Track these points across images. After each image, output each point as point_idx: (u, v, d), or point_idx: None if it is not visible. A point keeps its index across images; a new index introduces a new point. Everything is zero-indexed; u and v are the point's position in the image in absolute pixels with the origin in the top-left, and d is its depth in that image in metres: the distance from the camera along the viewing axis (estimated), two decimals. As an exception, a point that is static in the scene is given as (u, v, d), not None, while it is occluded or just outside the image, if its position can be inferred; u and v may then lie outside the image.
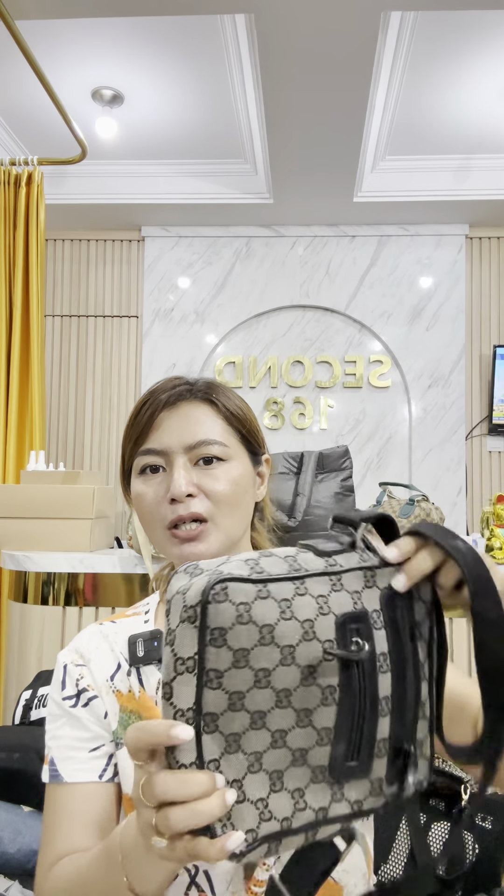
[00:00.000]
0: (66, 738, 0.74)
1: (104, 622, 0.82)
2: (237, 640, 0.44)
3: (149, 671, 0.76)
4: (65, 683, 0.77)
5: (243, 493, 0.74)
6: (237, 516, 0.74)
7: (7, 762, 1.35)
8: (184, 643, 0.45)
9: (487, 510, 2.01)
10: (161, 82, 2.70)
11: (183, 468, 0.72)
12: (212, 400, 0.75)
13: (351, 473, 1.93)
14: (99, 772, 0.74)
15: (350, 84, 2.40)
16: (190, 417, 0.74)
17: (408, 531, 0.56)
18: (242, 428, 0.77)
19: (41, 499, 2.06)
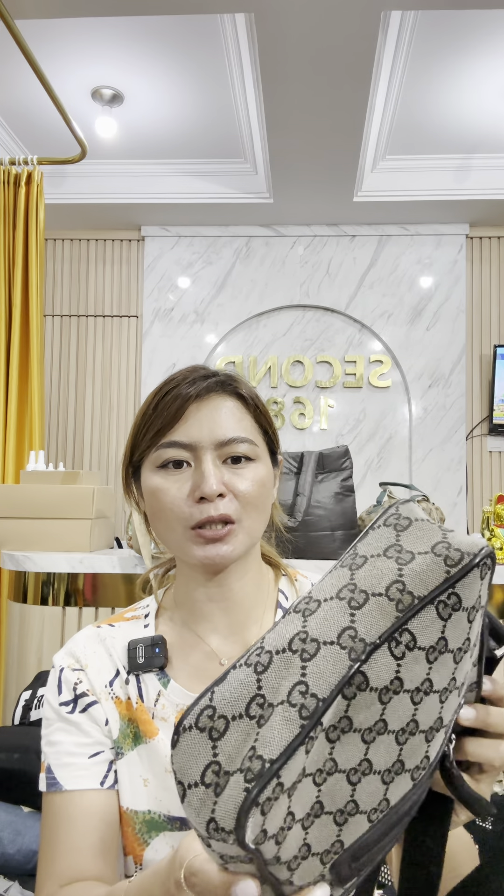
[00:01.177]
0: (64, 744, 0.70)
1: (101, 625, 0.78)
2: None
3: (148, 679, 0.72)
4: (61, 688, 0.73)
5: (268, 494, 0.71)
6: (262, 518, 0.71)
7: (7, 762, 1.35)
8: None
9: (487, 510, 2.01)
10: (161, 82, 2.70)
11: (213, 465, 0.67)
12: (242, 395, 0.71)
13: (351, 473, 1.93)
14: (100, 778, 0.70)
15: (350, 84, 2.40)
16: (222, 411, 0.69)
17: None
18: (269, 427, 0.74)
19: (41, 499, 2.05)
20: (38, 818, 1.30)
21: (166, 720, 0.70)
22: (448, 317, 3.63)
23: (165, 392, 0.69)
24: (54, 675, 0.74)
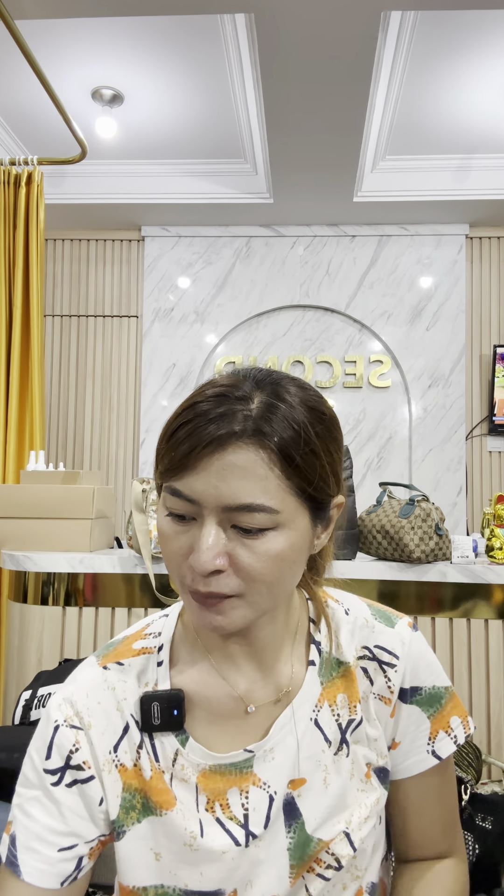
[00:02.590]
0: (37, 824, 0.61)
1: (109, 665, 0.67)
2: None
3: (164, 738, 0.63)
4: (50, 751, 0.62)
5: (290, 566, 0.57)
6: (274, 593, 0.57)
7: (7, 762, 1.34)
8: None
9: (487, 510, 2.01)
10: (161, 82, 2.70)
11: (214, 533, 0.54)
12: (272, 447, 0.54)
13: (351, 473, 1.93)
14: (63, 878, 0.61)
15: (350, 84, 2.40)
16: (236, 468, 0.53)
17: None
18: (308, 485, 0.56)
19: (41, 499, 2.05)
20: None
21: (187, 781, 0.62)
22: (448, 317, 3.63)
23: (184, 422, 0.55)
24: (46, 727, 0.63)
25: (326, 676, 0.65)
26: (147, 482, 1.89)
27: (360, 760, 0.65)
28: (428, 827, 0.69)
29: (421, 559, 1.77)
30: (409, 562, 1.80)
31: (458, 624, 1.86)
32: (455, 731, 0.68)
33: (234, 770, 0.62)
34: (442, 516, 1.81)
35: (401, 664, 0.66)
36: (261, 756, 0.62)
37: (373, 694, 0.66)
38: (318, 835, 0.61)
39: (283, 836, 0.61)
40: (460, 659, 1.84)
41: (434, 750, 0.67)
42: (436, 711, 0.67)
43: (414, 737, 0.67)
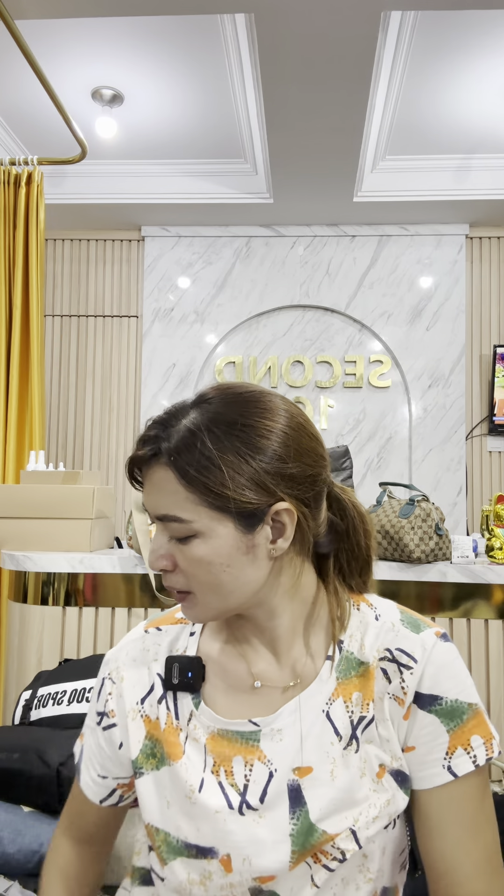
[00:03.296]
0: (88, 749, 0.76)
1: (150, 628, 0.77)
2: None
3: (182, 698, 0.70)
4: (99, 696, 0.76)
5: (222, 569, 0.63)
6: (222, 594, 0.64)
7: (7, 762, 1.34)
8: None
9: (487, 510, 2.01)
10: (161, 82, 2.70)
11: (157, 538, 0.65)
12: (176, 464, 0.61)
13: (351, 473, 1.93)
14: (101, 798, 0.76)
15: (350, 84, 2.40)
16: (155, 485, 0.63)
17: None
18: (217, 499, 0.61)
19: (41, 499, 2.05)
20: (37, 818, 1.30)
21: (198, 741, 0.68)
22: (448, 317, 3.63)
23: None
24: (100, 676, 0.77)
25: (345, 674, 0.67)
26: (147, 482, 1.89)
27: (373, 760, 0.66)
28: (453, 854, 0.63)
29: (421, 559, 1.77)
30: (409, 562, 1.80)
31: (458, 624, 1.86)
32: (475, 750, 0.64)
33: (241, 740, 0.67)
34: (442, 516, 1.81)
35: (418, 668, 0.66)
36: (268, 734, 0.66)
37: (388, 694, 0.67)
38: (323, 826, 0.63)
39: (287, 820, 0.64)
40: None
41: (450, 766, 0.64)
42: (456, 726, 0.65)
43: (430, 748, 0.65)
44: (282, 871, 0.63)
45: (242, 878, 0.64)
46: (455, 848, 0.63)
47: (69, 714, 1.55)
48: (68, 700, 1.58)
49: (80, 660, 1.73)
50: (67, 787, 1.31)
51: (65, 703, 1.58)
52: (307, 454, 0.66)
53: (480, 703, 0.67)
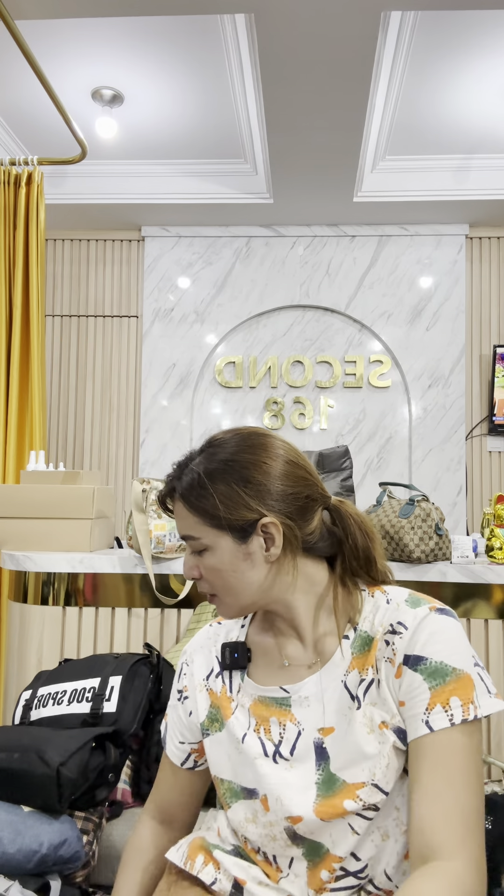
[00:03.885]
0: (172, 721, 0.95)
1: (213, 623, 0.97)
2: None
3: (234, 675, 0.89)
4: (178, 678, 0.96)
5: (229, 574, 0.81)
6: (234, 593, 0.82)
7: (7, 762, 1.34)
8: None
9: (487, 510, 2.01)
10: (161, 82, 2.70)
11: (188, 554, 0.85)
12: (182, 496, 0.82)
13: (351, 473, 1.94)
14: (181, 761, 0.94)
15: (350, 84, 2.40)
16: (177, 514, 0.84)
17: None
18: (213, 520, 0.80)
19: (41, 499, 2.05)
20: (38, 818, 1.30)
21: (244, 706, 0.86)
22: (448, 317, 3.63)
23: None
24: (179, 662, 0.97)
25: (359, 650, 0.80)
26: (147, 482, 1.89)
27: (376, 718, 0.76)
28: (427, 804, 0.68)
29: (421, 559, 1.77)
30: (409, 562, 1.80)
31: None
32: (453, 710, 0.71)
33: (276, 704, 0.83)
34: (442, 516, 1.81)
35: (407, 633, 0.76)
36: (297, 700, 0.82)
37: (385, 658, 0.77)
38: (343, 776, 0.76)
39: (313, 771, 0.78)
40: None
41: (428, 720, 0.71)
42: (438, 685, 0.72)
43: (414, 703, 0.73)
44: (307, 814, 0.76)
45: (277, 818, 0.79)
46: (429, 799, 0.68)
47: (69, 714, 1.55)
48: (68, 700, 1.58)
49: (81, 660, 1.73)
50: (67, 786, 1.31)
51: (65, 702, 1.58)
52: (285, 478, 0.82)
53: (472, 672, 0.74)
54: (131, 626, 1.93)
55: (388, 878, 0.77)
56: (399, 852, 0.76)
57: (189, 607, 1.91)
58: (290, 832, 0.78)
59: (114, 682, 1.57)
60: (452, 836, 0.66)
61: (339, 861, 0.77)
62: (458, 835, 0.67)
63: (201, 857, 0.85)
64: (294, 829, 0.78)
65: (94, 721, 1.52)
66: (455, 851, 0.66)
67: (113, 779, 1.46)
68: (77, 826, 1.36)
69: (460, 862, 0.65)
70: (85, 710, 1.54)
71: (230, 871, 0.83)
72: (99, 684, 1.58)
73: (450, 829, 0.67)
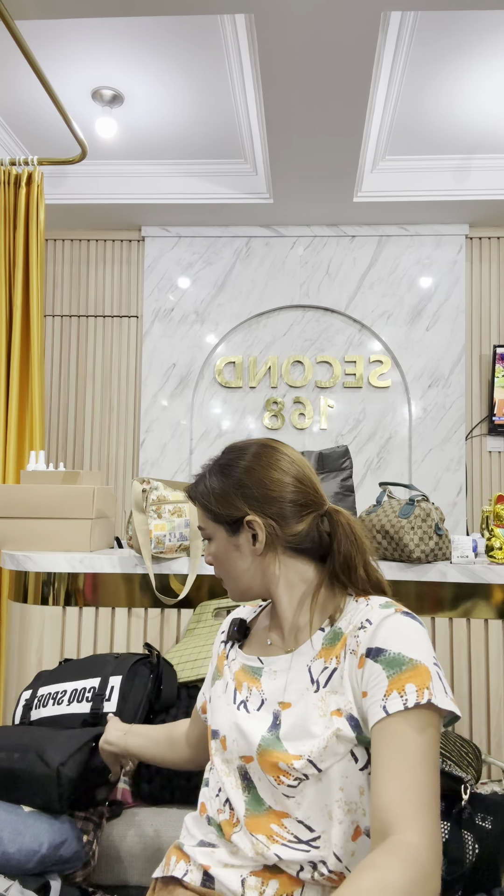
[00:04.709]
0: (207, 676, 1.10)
1: (239, 606, 1.17)
2: None
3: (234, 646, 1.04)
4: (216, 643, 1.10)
5: (224, 560, 0.99)
6: (230, 577, 1.00)
7: (7, 762, 1.34)
8: None
9: (487, 510, 2.01)
10: (161, 82, 2.70)
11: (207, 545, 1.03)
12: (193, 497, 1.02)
13: (351, 473, 1.94)
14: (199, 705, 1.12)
15: (350, 84, 2.40)
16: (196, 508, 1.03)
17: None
18: (212, 513, 0.98)
19: (41, 499, 2.05)
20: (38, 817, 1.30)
21: (231, 670, 1.01)
22: (448, 317, 3.63)
23: None
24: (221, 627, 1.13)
25: (330, 642, 0.89)
26: (147, 482, 1.89)
27: (332, 705, 0.84)
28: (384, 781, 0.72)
29: (421, 559, 1.77)
30: (408, 562, 1.80)
31: (458, 624, 1.86)
32: (408, 695, 0.76)
33: (251, 672, 0.96)
34: (442, 516, 1.81)
35: (371, 628, 0.84)
36: (268, 672, 0.93)
37: (350, 651, 0.85)
38: (286, 744, 0.85)
39: (266, 729, 0.89)
40: (460, 659, 1.84)
41: (385, 705, 0.77)
42: (395, 674, 0.79)
43: (374, 691, 0.79)
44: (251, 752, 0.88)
45: (232, 756, 0.92)
46: (386, 778, 0.73)
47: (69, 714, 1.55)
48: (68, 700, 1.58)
49: (81, 660, 1.72)
50: (68, 786, 1.31)
51: (65, 702, 1.58)
52: (267, 484, 0.94)
53: (429, 664, 0.80)
54: (131, 626, 1.93)
55: (338, 859, 0.81)
56: (346, 833, 0.81)
57: (189, 607, 1.91)
58: (242, 771, 0.90)
59: (114, 682, 1.57)
60: (407, 810, 0.70)
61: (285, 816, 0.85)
62: (413, 809, 0.70)
63: (174, 857, 0.94)
64: (246, 769, 0.90)
65: (94, 721, 1.51)
66: (410, 825, 0.69)
67: (113, 778, 1.46)
68: (77, 826, 1.36)
69: (414, 834, 0.68)
70: (85, 710, 1.54)
71: (197, 859, 0.91)
72: (99, 684, 1.57)
73: (405, 805, 0.70)
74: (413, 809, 0.70)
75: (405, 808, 0.70)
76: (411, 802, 0.70)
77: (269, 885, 0.83)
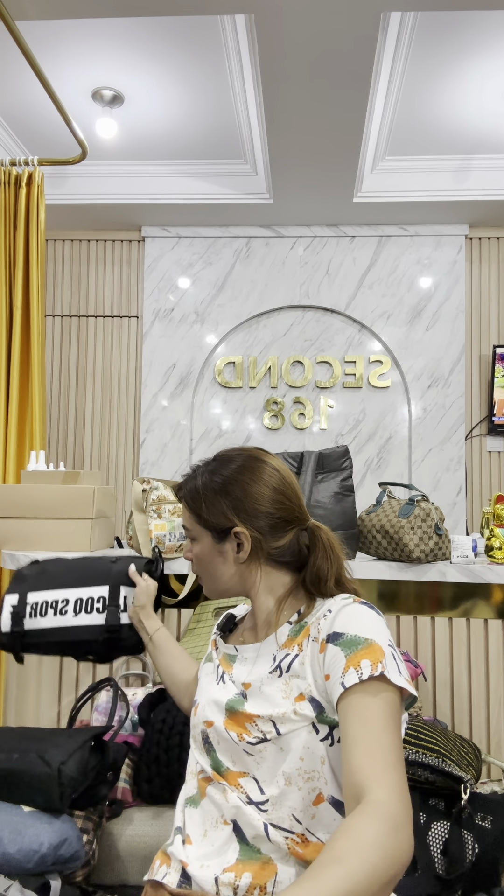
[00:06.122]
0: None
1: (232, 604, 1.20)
2: None
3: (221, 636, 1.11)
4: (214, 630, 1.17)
5: (207, 562, 1.05)
6: (210, 578, 1.06)
7: (7, 762, 1.34)
8: None
9: (487, 510, 2.01)
10: (161, 83, 2.70)
11: (187, 540, 1.09)
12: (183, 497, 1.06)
13: (351, 473, 1.94)
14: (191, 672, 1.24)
15: (350, 84, 2.40)
16: (183, 508, 1.08)
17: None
18: (200, 518, 1.03)
19: (41, 499, 2.05)
20: (38, 818, 1.30)
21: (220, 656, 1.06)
22: (447, 317, 3.63)
23: None
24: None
25: (294, 634, 0.96)
26: (147, 482, 1.89)
27: (294, 689, 0.90)
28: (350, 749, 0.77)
29: (420, 559, 1.77)
30: (408, 561, 1.80)
31: (458, 623, 1.86)
32: (363, 669, 0.82)
33: (228, 659, 1.04)
34: (441, 516, 1.81)
35: (331, 616, 0.91)
36: (240, 659, 1.01)
37: (312, 639, 0.92)
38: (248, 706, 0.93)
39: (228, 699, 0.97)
40: (460, 659, 1.84)
41: (342, 681, 0.82)
42: (351, 653, 0.84)
43: (334, 671, 0.85)
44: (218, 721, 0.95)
45: (198, 721, 1.00)
46: (352, 744, 0.78)
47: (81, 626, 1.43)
48: (74, 610, 1.44)
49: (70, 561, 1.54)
50: (69, 785, 1.31)
51: (70, 612, 1.44)
52: (264, 499, 1.00)
53: (383, 644, 0.85)
54: (131, 625, 1.93)
55: (297, 821, 0.86)
56: (305, 798, 0.86)
57: (189, 607, 1.91)
58: (204, 735, 0.97)
59: (126, 592, 1.45)
60: (375, 770, 0.74)
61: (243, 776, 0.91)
62: (380, 769, 0.74)
63: (158, 861, 0.97)
64: (206, 733, 0.97)
65: (112, 634, 1.41)
66: (378, 782, 0.73)
67: (112, 777, 1.46)
68: (77, 825, 1.36)
69: (384, 790, 0.72)
70: (99, 621, 1.43)
71: (176, 855, 0.93)
72: (109, 593, 1.45)
73: (372, 766, 0.75)
74: (379, 769, 0.74)
75: (373, 769, 0.74)
76: (377, 763, 0.75)
77: (241, 878, 0.85)
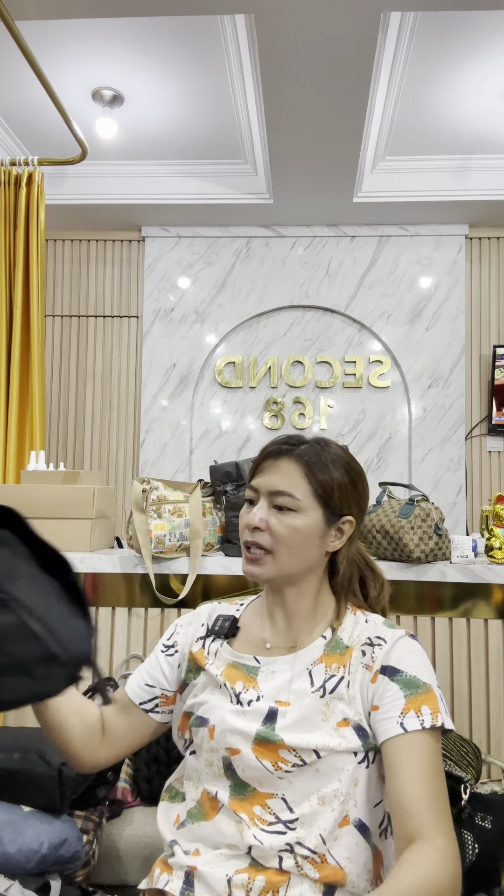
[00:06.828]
0: (147, 664, 1.03)
1: (218, 602, 1.09)
2: None
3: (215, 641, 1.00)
4: (169, 635, 1.05)
5: (303, 540, 0.92)
6: (294, 556, 0.92)
7: (7, 762, 1.34)
8: None
9: (487, 510, 2.01)
10: (161, 83, 2.70)
11: (263, 506, 0.93)
12: (306, 462, 0.93)
13: (351, 473, 1.93)
14: (140, 701, 1.00)
15: (350, 84, 2.40)
16: (280, 470, 0.93)
17: None
18: (323, 492, 0.93)
19: (41, 499, 2.05)
20: (38, 817, 1.30)
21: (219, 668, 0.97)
22: (447, 317, 3.63)
23: (264, 448, 0.97)
24: (173, 625, 1.07)
25: (331, 649, 0.93)
26: (147, 482, 1.89)
27: (338, 713, 0.88)
28: (404, 792, 0.80)
29: (420, 559, 1.77)
30: (408, 561, 1.80)
31: (458, 623, 1.86)
32: (423, 716, 0.84)
33: (245, 671, 0.95)
34: (441, 516, 1.81)
35: (386, 646, 0.91)
36: (265, 672, 0.94)
37: (362, 665, 0.90)
38: (282, 735, 0.87)
39: (259, 724, 0.90)
40: (460, 659, 1.84)
41: (402, 723, 0.84)
42: (411, 694, 0.86)
43: (389, 707, 0.85)
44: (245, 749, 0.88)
45: (218, 746, 0.91)
46: (406, 787, 0.80)
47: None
48: None
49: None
50: (69, 786, 1.31)
51: None
52: (366, 497, 0.99)
53: (436, 689, 0.88)
54: (131, 625, 1.93)
55: (322, 840, 0.85)
56: (335, 819, 0.85)
57: (189, 607, 1.91)
58: (227, 762, 0.90)
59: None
60: (433, 817, 0.78)
61: (271, 797, 0.87)
62: (437, 817, 0.79)
63: (158, 870, 0.95)
64: (230, 760, 0.90)
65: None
66: (438, 831, 0.78)
67: (112, 777, 1.46)
68: (77, 826, 1.36)
69: (444, 839, 0.78)
70: None
71: (181, 861, 0.90)
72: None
73: (429, 812, 0.78)
74: (437, 818, 0.78)
75: (431, 817, 0.78)
76: (434, 811, 0.79)
77: (255, 881, 0.85)
